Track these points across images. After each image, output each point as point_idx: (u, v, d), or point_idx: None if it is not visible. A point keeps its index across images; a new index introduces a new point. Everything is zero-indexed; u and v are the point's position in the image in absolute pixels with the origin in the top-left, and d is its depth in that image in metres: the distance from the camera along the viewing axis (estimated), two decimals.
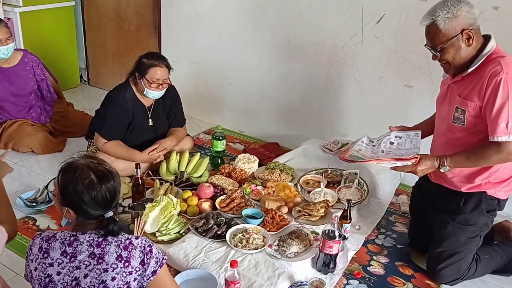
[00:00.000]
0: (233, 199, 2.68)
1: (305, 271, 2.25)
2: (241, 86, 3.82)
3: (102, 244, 1.50)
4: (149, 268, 1.52)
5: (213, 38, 3.79)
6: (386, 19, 3.00)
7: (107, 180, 1.52)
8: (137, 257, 1.50)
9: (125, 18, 4.27)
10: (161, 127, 3.14)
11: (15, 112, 3.47)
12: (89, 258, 1.49)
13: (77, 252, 1.50)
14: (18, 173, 3.13)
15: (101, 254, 1.49)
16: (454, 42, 1.98)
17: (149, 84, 2.87)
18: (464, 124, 2.07)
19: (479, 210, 2.19)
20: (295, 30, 3.38)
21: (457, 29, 1.96)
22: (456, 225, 2.22)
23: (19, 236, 2.48)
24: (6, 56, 3.28)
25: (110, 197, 1.53)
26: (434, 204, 2.33)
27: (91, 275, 1.47)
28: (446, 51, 2.01)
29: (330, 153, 3.15)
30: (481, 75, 1.98)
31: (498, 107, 1.92)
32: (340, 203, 2.72)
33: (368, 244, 2.57)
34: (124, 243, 1.51)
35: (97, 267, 1.48)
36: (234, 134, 3.92)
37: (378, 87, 3.20)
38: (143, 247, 1.53)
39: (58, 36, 4.44)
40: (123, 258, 1.48)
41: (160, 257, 1.56)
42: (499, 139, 1.93)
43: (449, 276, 2.27)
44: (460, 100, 2.06)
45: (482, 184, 2.15)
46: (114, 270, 1.47)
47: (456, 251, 2.23)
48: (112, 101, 2.95)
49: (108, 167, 1.56)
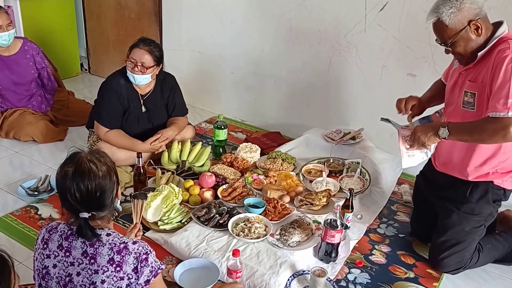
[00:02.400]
0: (235, 189, 2.68)
1: (307, 260, 2.25)
2: (243, 75, 3.80)
3: (95, 244, 1.45)
4: (142, 276, 1.45)
5: (215, 27, 3.76)
6: (389, 7, 2.97)
7: (81, 178, 1.43)
8: (130, 263, 1.43)
9: (125, 6, 4.24)
10: (158, 117, 3.12)
11: (15, 101, 3.46)
12: (82, 256, 1.45)
13: (72, 248, 1.47)
14: (20, 162, 3.13)
15: (93, 254, 1.44)
16: (463, 35, 1.97)
17: (131, 64, 2.86)
18: (474, 108, 2.05)
19: (485, 200, 2.18)
20: (297, 18, 3.35)
21: (463, 22, 1.95)
22: (461, 214, 2.21)
23: (21, 225, 2.49)
24: (7, 42, 3.26)
25: (81, 196, 1.43)
26: (439, 193, 2.32)
27: (83, 274, 1.44)
28: (457, 44, 2.01)
29: (332, 142, 3.15)
30: (490, 56, 1.98)
31: (499, 83, 1.90)
32: (342, 192, 2.71)
33: (370, 233, 2.57)
34: (118, 247, 1.44)
35: (89, 267, 1.44)
36: (236, 123, 3.91)
37: (381, 75, 3.17)
38: (138, 254, 1.45)
39: (58, 24, 4.41)
40: (115, 262, 1.43)
41: (156, 266, 1.49)
42: (496, 115, 1.90)
43: (451, 265, 2.27)
44: (469, 83, 2.06)
45: (490, 174, 2.13)
46: (104, 273, 1.42)
47: (460, 240, 2.23)
48: (106, 87, 2.97)
49: (98, 168, 1.46)
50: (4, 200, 2.71)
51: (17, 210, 2.61)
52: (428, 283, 2.25)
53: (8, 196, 2.74)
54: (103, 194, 1.47)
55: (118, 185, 1.55)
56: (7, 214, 2.57)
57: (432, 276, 2.30)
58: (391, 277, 2.27)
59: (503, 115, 1.88)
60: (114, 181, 1.52)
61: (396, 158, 3.02)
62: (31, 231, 2.44)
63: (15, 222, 2.50)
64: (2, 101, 3.43)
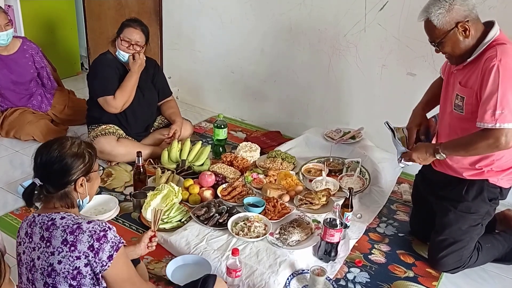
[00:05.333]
0: (234, 188, 2.68)
1: (306, 259, 2.26)
2: (243, 74, 3.80)
3: (50, 228, 1.48)
4: (104, 253, 1.46)
5: (215, 26, 3.76)
6: (389, 7, 2.97)
7: (51, 147, 1.52)
8: (85, 242, 1.45)
9: (125, 5, 4.24)
10: (148, 90, 3.19)
11: (15, 100, 3.46)
12: (40, 241, 1.49)
13: (33, 234, 1.51)
14: (20, 161, 3.14)
15: (48, 238, 1.47)
16: (450, 36, 1.99)
17: (121, 42, 2.96)
18: (462, 111, 2.08)
19: (481, 198, 2.18)
20: (297, 17, 3.35)
21: (451, 23, 1.97)
22: (458, 213, 2.22)
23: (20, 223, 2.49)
24: (6, 42, 3.26)
25: (40, 161, 1.52)
26: (436, 192, 2.33)
27: (42, 257, 1.48)
28: (445, 45, 2.03)
29: (332, 141, 3.15)
30: (479, 62, 1.99)
31: (487, 93, 1.92)
32: (342, 191, 2.72)
33: (369, 232, 2.57)
34: (71, 228, 1.46)
35: (46, 250, 1.47)
36: (235, 122, 3.91)
37: (381, 75, 3.18)
38: (93, 232, 1.46)
39: (58, 23, 4.42)
40: (68, 242, 1.45)
41: (116, 241, 1.50)
42: (485, 126, 1.93)
43: (450, 264, 2.28)
44: (459, 87, 2.08)
45: (485, 172, 2.14)
46: (59, 254, 1.45)
47: (458, 239, 2.24)
48: (96, 65, 3.08)
49: (69, 147, 1.54)
50: (5, 199, 2.71)
51: (17, 209, 2.61)
52: (427, 282, 2.25)
53: (8, 195, 2.75)
54: (60, 169, 1.51)
55: (83, 178, 1.57)
56: (7, 213, 2.58)
57: (432, 275, 2.30)
58: (391, 276, 2.28)
59: (491, 126, 1.91)
60: (80, 169, 1.55)
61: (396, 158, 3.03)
62: None
63: (15, 221, 2.51)
64: (2, 100, 3.43)
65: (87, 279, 1.47)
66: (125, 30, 2.96)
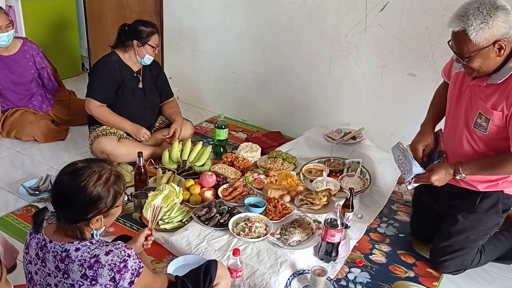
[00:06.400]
0: (235, 188, 2.68)
1: (307, 260, 2.26)
2: (244, 75, 3.80)
3: (65, 260, 1.39)
4: (124, 281, 1.39)
5: (215, 26, 3.76)
6: (389, 7, 2.97)
7: (76, 175, 1.40)
8: (106, 275, 1.36)
9: (126, 6, 4.24)
10: (151, 92, 3.22)
11: (16, 101, 3.47)
12: (55, 270, 1.40)
13: (46, 260, 1.42)
14: (21, 161, 3.14)
15: (65, 270, 1.39)
16: (484, 53, 1.80)
17: (153, 49, 3.03)
18: (486, 132, 1.98)
19: (495, 210, 2.14)
20: (298, 18, 3.35)
21: (489, 40, 1.77)
22: (467, 223, 2.17)
23: (22, 224, 2.49)
24: (6, 43, 3.26)
25: (59, 187, 1.42)
26: (444, 202, 2.27)
27: (60, 286, 1.41)
28: (474, 60, 1.84)
29: (332, 142, 3.15)
30: (508, 83, 1.86)
31: None
32: (343, 192, 2.72)
33: (370, 232, 2.57)
34: (89, 262, 1.37)
35: (64, 281, 1.39)
36: (236, 123, 3.92)
37: (382, 75, 3.18)
38: (113, 265, 1.37)
39: (59, 24, 4.42)
40: (88, 277, 1.36)
41: (137, 267, 1.42)
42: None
43: (452, 267, 2.27)
44: (484, 107, 1.95)
45: (500, 183, 2.10)
46: (81, 287, 1.38)
47: (464, 247, 2.22)
48: (97, 66, 3.09)
49: (95, 183, 1.40)
50: (5, 199, 2.72)
51: (18, 210, 2.62)
52: (428, 283, 2.26)
53: (9, 196, 2.75)
54: (78, 205, 1.40)
55: (101, 216, 1.45)
56: (8, 213, 2.58)
57: (432, 276, 2.30)
58: (391, 277, 2.28)
59: None
60: (100, 209, 1.43)
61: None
62: None
63: (16, 222, 2.51)
64: (2, 100, 3.43)
65: None
66: (153, 37, 3.00)
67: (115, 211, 1.52)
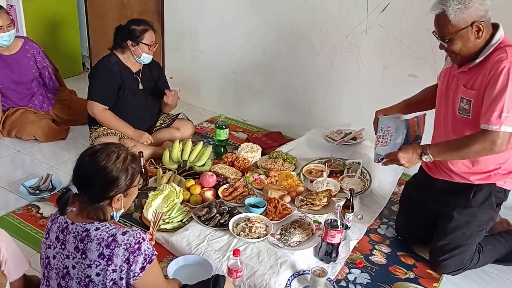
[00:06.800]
0: (236, 188, 2.68)
1: (307, 260, 2.26)
2: (245, 75, 3.81)
3: (84, 240, 1.46)
4: (137, 264, 1.46)
5: (216, 26, 3.76)
6: (391, 8, 2.97)
7: (95, 156, 1.48)
8: (121, 255, 1.44)
9: (127, 6, 4.24)
10: (152, 93, 3.22)
11: (17, 100, 3.47)
12: (74, 251, 1.47)
13: (66, 241, 1.49)
14: (21, 161, 3.14)
15: (84, 250, 1.45)
16: (463, 34, 1.92)
17: (149, 47, 3.01)
18: (469, 115, 2.03)
19: (488, 203, 2.15)
20: (299, 18, 3.35)
21: (467, 21, 1.89)
22: (462, 219, 2.19)
23: (22, 223, 2.50)
24: (8, 42, 3.27)
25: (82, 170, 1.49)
26: (437, 199, 2.29)
27: (78, 267, 1.47)
28: (454, 42, 1.95)
29: (333, 142, 3.15)
30: (486, 64, 1.94)
31: (495, 95, 1.88)
32: (343, 192, 2.72)
33: (370, 233, 2.58)
34: (107, 241, 1.44)
35: (82, 262, 1.46)
36: (237, 123, 3.92)
37: (382, 76, 3.18)
38: (128, 245, 1.44)
39: (60, 23, 4.42)
40: (105, 256, 1.43)
41: (150, 253, 1.49)
42: (489, 128, 1.89)
43: (451, 267, 2.27)
44: (464, 90, 2.03)
45: (492, 175, 2.12)
46: (97, 267, 1.44)
47: (460, 244, 2.22)
48: (97, 68, 3.10)
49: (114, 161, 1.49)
50: (6, 198, 2.72)
51: (18, 209, 2.62)
52: (428, 284, 2.26)
53: (10, 195, 2.75)
54: (100, 184, 1.47)
55: (121, 195, 1.53)
56: (9, 212, 2.58)
57: (432, 277, 2.30)
58: (391, 278, 2.28)
59: (496, 128, 1.87)
60: (120, 187, 1.51)
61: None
62: (33, 230, 2.45)
63: (17, 221, 2.51)
64: (3, 100, 3.43)
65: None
66: (145, 35, 2.98)
67: (133, 191, 1.59)
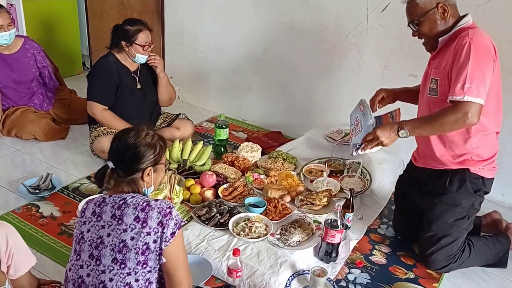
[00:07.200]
0: (236, 188, 2.68)
1: (307, 260, 2.26)
2: (245, 74, 3.80)
3: (121, 206, 1.56)
4: (169, 229, 1.54)
5: (217, 26, 3.76)
6: (391, 8, 2.97)
7: (128, 135, 1.64)
8: (155, 218, 1.53)
9: (128, 5, 4.24)
10: (150, 91, 3.22)
11: (17, 99, 3.47)
12: (111, 219, 1.56)
13: (103, 213, 1.58)
14: (21, 160, 3.14)
15: (120, 216, 1.55)
16: (430, 15, 2.07)
17: (142, 48, 3.00)
18: (436, 94, 2.12)
19: (465, 188, 2.18)
20: (299, 18, 3.35)
21: (432, 3, 2.05)
22: (443, 206, 2.22)
23: (22, 223, 2.49)
24: (8, 42, 3.26)
25: (117, 146, 1.64)
26: (421, 189, 2.34)
27: (113, 234, 1.54)
28: (423, 24, 2.10)
29: (333, 142, 3.15)
30: (452, 44, 2.06)
31: (459, 67, 1.96)
32: (343, 192, 2.72)
33: (370, 233, 2.57)
34: (142, 206, 1.55)
35: (118, 228, 1.54)
36: (237, 122, 3.92)
37: (383, 76, 3.17)
38: (161, 208, 1.55)
39: (60, 23, 4.42)
40: (140, 219, 1.53)
41: (179, 219, 1.59)
42: (453, 98, 1.95)
43: (441, 261, 2.27)
44: (433, 70, 2.14)
45: (465, 161, 2.16)
46: (132, 231, 1.53)
47: (445, 233, 2.24)
48: (95, 68, 3.10)
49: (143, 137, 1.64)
50: (6, 198, 2.72)
51: (18, 208, 2.62)
52: (428, 284, 2.26)
53: (10, 194, 2.75)
54: (132, 156, 1.63)
55: (151, 168, 1.65)
56: (9, 212, 2.58)
57: (432, 277, 2.30)
58: (391, 278, 2.28)
59: (460, 99, 1.93)
60: (150, 159, 1.65)
61: (397, 159, 3.03)
62: (32, 229, 2.45)
63: (16, 220, 2.51)
64: (3, 99, 3.43)
65: (153, 255, 1.54)
66: (138, 36, 2.98)
67: (161, 168, 1.72)
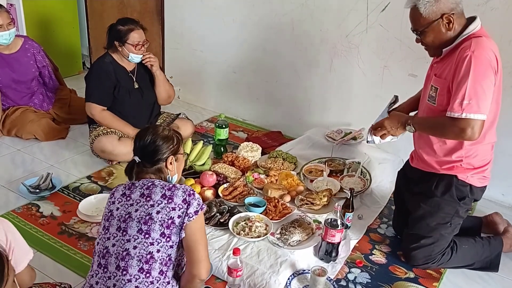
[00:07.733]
0: (236, 187, 2.68)
1: (307, 260, 2.26)
2: (245, 74, 3.81)
3: (150, 187, 1.72)
4: (192, 207, 1.67)
5: (217, 25, 3.76)
6: (391, 8, 2.97)
7: (148, 132, 1.80)
8: (180, 196, 1.68)
9: (128, 5, 4.24)
10: (147, 91, 3.22)
11: (17, 99, 3.47)
12: (140, 197, 1.71)
13: (132, 193, 1.73)
14: (21, 159, 3.14)
15: (149, 194, 1.70)
16: (434, 26, 2.01)
17: (134, 47, 2.99)
18: (435, 103, 2.11)
19: (450, 195, 2.18)
20: (299, 17, 3.35)
21: (437, 14, 1.98)
22: (426, 209, 2.23)
23: (22, 222, 2.49)
24: (8, 41, 3.26)
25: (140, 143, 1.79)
26: (411, 189, 2.35)
27: (141, 209, 1.68)
28: (427, 35, 2.05)
29: (333, 142, 3.15)
30: (454, 54, 2.02)
31: (458, 83, 1.94)
32: (343, 192, 2.72)
33: (370, 233, 2.58)
34: (168, 186, 1.72)
35: (145, 203, 1.69)
36: (237, 122, 3.92)
37: (382, 76, 3.18)
38: (185, 189, 1.71)
39: (60, 22, 4.42)
40: (166, 196, 1.69)
41: (200, 202, 1.72)
42: (451, 115, 1.95)
43: (420, 259, 2.28)
44: (434, 78, 2.12)
45: (454, 167, 2.15)
46: (159, 205, 1.67)
47: (426, 235, 2.24)
48: (92, 69, 3.11)
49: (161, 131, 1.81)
50: (6, 197, 2.72)
51: (18, 208, 2.62)
52: (428, 283, 2.26)
53: (10, 194, 2.75)
54: (153, 149, 1.78)
55: (172, 157, 1.81)
56: (9, 211, 2.58)
57: (432, 276, 2.30)
58: (391, 277, 2.28)
59: (457, 115, 1.93)
60: (170, 149, 1.80)
61: (397, 158, 3.03)
62: (33, 229, 2.45)
63: (17, 220, 2.51)
64: (3, 99, 3.43)
65: (177, 229, 1.67)
66: (130, 35, 2.97)
67: (180, 158, 1.89)
